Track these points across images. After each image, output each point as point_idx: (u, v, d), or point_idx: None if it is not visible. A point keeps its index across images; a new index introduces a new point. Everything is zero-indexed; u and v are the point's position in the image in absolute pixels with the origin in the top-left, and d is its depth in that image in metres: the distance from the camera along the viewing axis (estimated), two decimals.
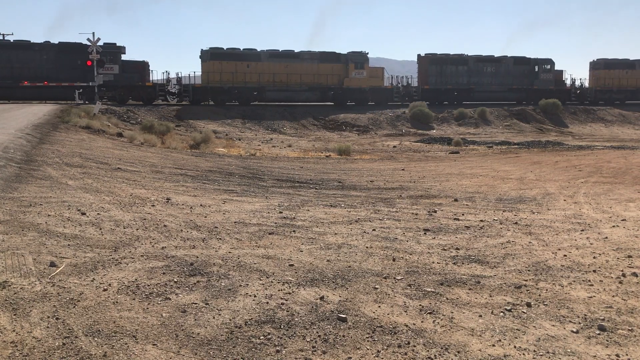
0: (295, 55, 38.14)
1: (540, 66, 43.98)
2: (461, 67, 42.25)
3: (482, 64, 42.85)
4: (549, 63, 44.22)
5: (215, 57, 35.96)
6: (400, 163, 18.42)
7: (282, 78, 37.27)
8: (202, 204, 8.70)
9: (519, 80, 43.28)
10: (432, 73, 41.79)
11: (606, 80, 46.86)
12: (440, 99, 41.53)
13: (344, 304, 4.50)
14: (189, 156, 17.07)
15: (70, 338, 3.60)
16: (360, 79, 39.05)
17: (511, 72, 43.31)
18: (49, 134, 16.18)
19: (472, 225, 7.81)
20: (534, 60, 44.05)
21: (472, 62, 42.61)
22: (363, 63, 39.18)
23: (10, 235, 5.77)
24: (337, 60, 38.80)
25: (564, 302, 4.70)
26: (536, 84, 43.52)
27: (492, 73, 42.96)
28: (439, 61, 42.07)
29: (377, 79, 40.01)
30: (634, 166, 15.55)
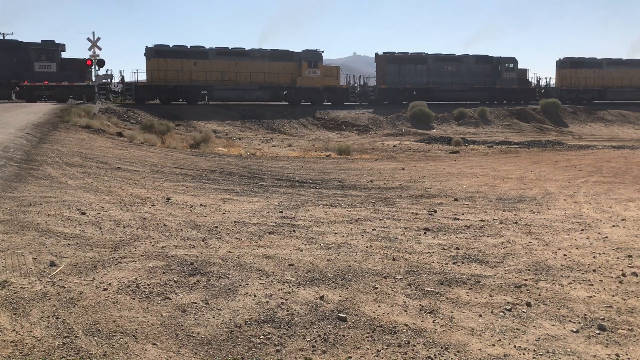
0: (245, 53, 36.72)
1: (503, 65, 42.74)
2: (420, 66, 40.96)
3: (442, 63, 41.60)
4: (512, 62, 43.11)
5: (160, 54, 34.52)
6: (400, 163, 18.42)
7: (231, 77, 35.98)
8: (202, 203, 8.70)
9: (481, 80, 42.10)
10: (390, 72, 40.43)
11: (572, 80, 45.80)
12: (398, 98, 39.98)
13: (343, 303, 4.50)
14: (189, 156, 17.07)
15: (70, 337, 3.60)
16: (314, 78, 37.70)
17: (473, 71, 42.09)
18: (49, 134, 16.18)
19: (472, 224, 7.81)
20: (496, 59, 42.84)
21: (432, 61, 41.35)
22: (317, 62, 37.83)
23: (10, 235, 5.77)
24: (289, 59, 37.49)
25: (564, 302, 4.70)
26: (499, 83, 42.45)
27: (453, 72, 41.77)
28: (397, 60, 40.73)
29: (331, 78, 38.62)
30: (634, 166, 15.55)
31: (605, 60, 46.86)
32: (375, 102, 39.83)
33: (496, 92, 42.34)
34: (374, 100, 39.93)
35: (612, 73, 46.65)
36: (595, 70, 46.16)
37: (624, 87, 46.88)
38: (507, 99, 42.60)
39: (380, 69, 40.80)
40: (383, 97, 40.23)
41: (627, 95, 46.71)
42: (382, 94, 40.34)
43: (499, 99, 42.20)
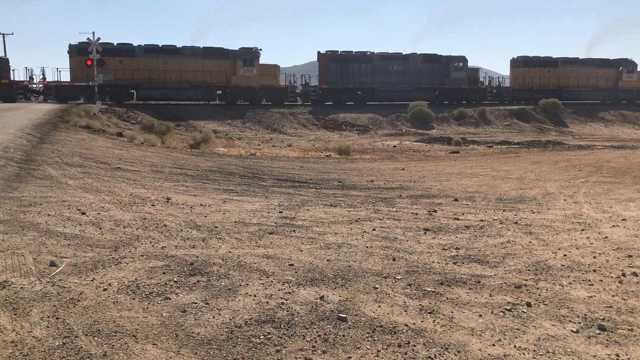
0: (175, 51, 35.44)
1: (452, 64, 41.33)
2: (364, 66, 39.42)
3: (388, 62, 40.06)
4: (462, 61, 41.76)
5: (83, 52, 32.73)
6: (401, 163, 18.42)
7: (159, 75, 34.58)
8: (202, 203, 8.70)
9: (429, 79, 40.69)
10: (333, 71, 38.80)
11: (525, 79, 44.56)
12: (341, 99, 39.10)
13: (344, 303, 4.50)
14: (189, 156, 17.07)
15: (70, 338, 3.60)
16: (250, 77, 36.31)
17: (420, 70, 40.60)
18: (49, 134, 16.18)
19: (472, 224, 7.81)
20: (445, 58, 41.41)
21: (377, 60, 39.80)
22: (253, 60, 36.34)
23: (10, 235, 5.77)
24: (224, 57, 36.07)
25: (564, 302, 4.70)
26: (448, 83, 41.11)
27: (399, 72, 40.21)
28: (339, 59, 39.14)
29: (269, 77, 37.19)
30: (634, 166, 15.55)
31: (561, 59, 45.67)
32: (317, 102, 38.41)
33: (445, 92, 41.15)
34: (315, 100, 38.52)
35: (568, 72, 45.59)
36: (550, 70, 45.07)
37: (581, 86, 45.69)
38: (456, 100, 41.17)
39: (323, 68, 39.23)
40: (325, 97, 38.93)
41: (583, 95, 45.58)
42: (324, 94, 38.89)
43: (448, 99, 40.98)
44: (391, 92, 39.88)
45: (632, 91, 46.75)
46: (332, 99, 38.90)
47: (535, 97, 43.62)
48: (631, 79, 46.82)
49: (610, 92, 46.13)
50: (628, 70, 46.60)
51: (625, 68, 46.58)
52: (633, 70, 46.78)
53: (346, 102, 39.00)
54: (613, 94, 46.12)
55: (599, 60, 46.87)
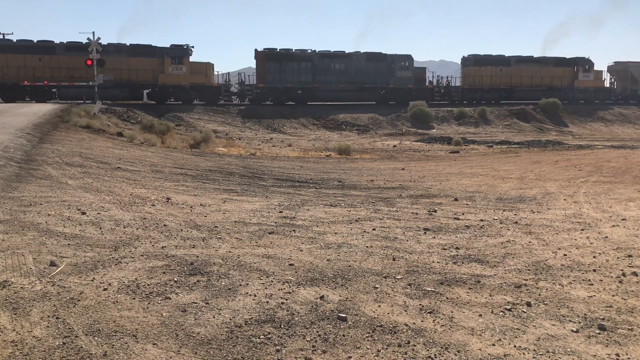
0: None
1: (397, 63, 39.81)
2: (304, 64, 37.84)
3: (329, 61, 38.44)
4: (408, 60, 40.23)
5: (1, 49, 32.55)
6: (401, 162, 18.42)
7: (81, 73, 32.72)
8: (202, 203, 8.70)
9: (373, 79, 39.14)
10: (270, 70, 37.12)
11: (476, 78, 42.76)
12: (280, 98, 37.44)
13: (344, 303, 4.50)
14: (189, 156, 17.07)
15: (70, 337, 3.60)
16: (180, 75, 34.85)
17: (364, 69, 38.98)
18: (49, 134, 16.18)
19: (472, 224, 7.81)
20: (390, 57, 39.84)
21: (317, 59, 38.14)
22: (182, 57, 34.94)
23: (11, 235, 5.77)
24: (151, 55, 34.65)
25: (564, 302, 4.70)
26: (392, 83, 39.57)
27: (341, 71, 38.57)
28: (277, 57, 37.39)
29: (201, 75, 35.81)
30: (634, 165, 15.55)
31: (513, 58, 44.07)
32: (255, 102, 37.15)
33: (390, 92, 39.77)
34: (253, 100, 37.27)
35: (521, 71, 43.96)
36: (502, 68, 43.38)
37: (534, 86, 44.14)
38: (402, 100, 39.44)
39: (260, 67, 37.61)
40: (262, 96, 37.41)
41: (537, 94, 43.60)
42: (262, 93, 37.34)
43: (393, 99, 39.66)
44: (333, 92, 38.49)
45: (589, 90, 45.26)
46: (272, 98, 37.51)
47: (486, 97, 42.74)
48: (587, 78, 45.42)
49: (566, 92, 44.54)
50: (584, 69, 45.16)
51: (581, 67, 45.08)
52: (589, 69, 45.40)
53: (286, 102, 37.57)
54: (569, 94, 44.62)
55: (554, 59, 45.47)
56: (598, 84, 46.29)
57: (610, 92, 47.49)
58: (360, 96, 39.10)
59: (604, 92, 46.75)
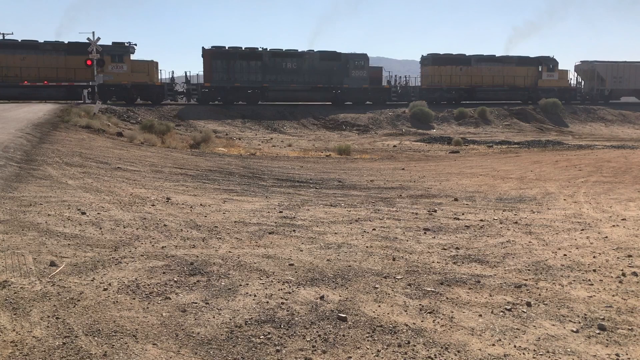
0: (34, 46, 33.14)
1: (352, 62, 38.83)
2: (253, 63, 36.81)
3: (281, 60, 37.43)
4: (363, 59, 39.32)
5: None
6: (401, 162, 18.42)
7: (15, 72, 32.29)
8: (202, 203, 8.70)
9: (326, 79, 38.14)
10: (218, 69, 36.12)
11: (435, 78, 41.73)
12: (228, 98, 36.33)
13: (344, 303, 4.50)
14: (189, 156, 17.07)
15: (70, 337, 3.60)
16: (120, 73, 33.94)
17: (317, 68, 38.04)
18: (49, 134, 16.18)
19: (472, 224, 7.81)
20: (344, 56, 38.91)
21: (268, 57, 37.12)
22: (123, 56, 34.11)
23: (10, 235, 5.77)
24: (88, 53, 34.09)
25: (564, 302, 4.70)
26: (347, 83, 38.64)
27: (293, 70, 37.60)
28: (225, 55, 36.38)
29: (142, 74, 34.72)
30: (634, 166, 15.55)
31: (474, 57, 42.92)
32: (202, 101, 36.20)
33: (344, 92, 38.94)
34: (200, 99, 36.35)
35: (483, 71, 42.83)
36: (462, 68, 42.17)
37: (496, 85, 43.18)
38: (357, 100, 39.10)
39: (207, 65, 36.60)
40: (210, 96, 36.37)
41: (499, 94, 43.11)
42: (208, 93, 36.35)
43: (348, 99, 39.02)
44: (284, 92, 37.47)
45: (553, 90, 44.02)
46: (220, 97, 36.47)
47: (446, 97, 41.78)
48: (552, 78, 44.43)
49: (530, 92, 43.70)
50: (548, 68, 44.23)
51: (545, 66, 44.15)
52: (554, 68, 44.52)
53: (234, 102, 36.65)
54: (533, 94, 43.67)
55: (517, 58, 44.39)
56: (563, 83, 45.22)
57: (576, 92, 46.45)
58: (313, 96, 38.12)
59: (569, 92, 45.63)
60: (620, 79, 46.67)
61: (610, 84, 46.53)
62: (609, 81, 46.48)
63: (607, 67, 46.58)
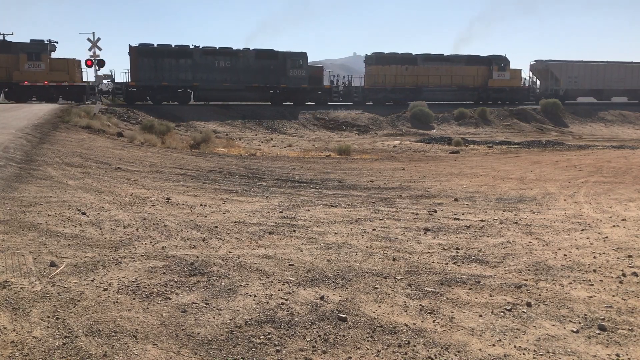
0: None
1: (290, 61, 37.23)
2: (183, 61, 35.06)
3: (213, 58, 35.74)
4: (302, 57, 37.61)
5: None
6: (401, 163, 18.42)
7: None
8: (202, 203, 8.70)
9: (263, 78, 36.42)
10: (145, 67, 34.24)
11: (378, 78, 39.91)
12: (156, 97, 34.59)
13: (344, 303, 4.50)
14: (189, 156, 17.07)
15: (70, 338, 3.60)
16: (38, 72, 32.55)
17: (253, 67, 36.40)
18: (49, 134, 16.18)
19: (472, 225, 7.81)
20: (282, 54, 37.19)
21: (199, 55, 35.44)
22: (40, 54, 32.64)
23: (11, 235, 5.77)
24: (5, 50, 32.43)
25: (564, 302, 4.70)
26: (285, 82, 36.97)
27: (227, 68, 35.95)
28: (152, 53, 34.44)
29: (62, 72, 33.28)
30: (634, 166, 15.55)
31: (420, 56, 41.17)
32: (130, 101, 34.18)
33: (283, 92, 37.28)
34: (126, 99, 34.43)
35: (430, 70, 41.07)
36: (408, 67, 40.44)
37: (444, 85, 41.29)
38: (297, 100, 37.45)
39: (133, 64, 34.75)
40: (136, 95, 34.48)
41: (447, 95, 41.35)
42: (135, 92, 34.47)
43: (287, 99, 37.43)
44: (216, 91, 35.66)
45: (504, 90, 42.61)
46: (149, 97, 34.73)
47: (390, 98, 40.19)
48: (503, 77, 42.60)
49: (480, 92, 42.04)
50: (499, 67, 42.43)
51: (496, 65, 42.37)
52: (505, 67, 42.69)
53: (163, 101, 34.86)
54: (483, 94, 42.14)
55: (466, 57, 42.60)
56: (515, 83, 43.42)
57: (529, 91, 44.67)
58: (248, 96, 36.42)
59: (521, 91, 44.01)
60: (576, 78, 44.96)
61: (565, 83, 44.71)
62: (564, 81, 44.70)
63: (561, 67, 45.00)
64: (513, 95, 43.07)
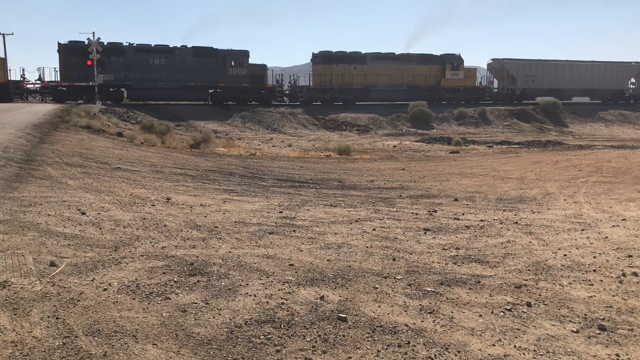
0: None
1: (230, 59, 36.00)
2: (115, 59, 33.85)
3: (147, 55, 34.54)
4: (243, 56, 36.55)
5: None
6: (401, 163, 18.42)
7: None
8: (202, 203, 8.70)
9: (201, 76, 35.10)
10: (74, 66, 32.76)
11: (326, 77, 38.56)
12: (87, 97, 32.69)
13: (344, 303, 4.50)
14: (189, 156, 17.07)
15: (70, 338, 3.60)
16: None
17: (190, 65, 35.21)
18: (49, 134, 16.18)
19: (472, 224, 7.81)
20: (222, 52, 35.95)
21: (131, 53, 34.19)
22: None
23: (11, 235, 5.77)
24: None
25: (564, 302, 4.70)
26: (224, 81, 35.79)
27: (162, 66, 34.67)
28: (82, 51, 32.22)
29: None
30: (634, 166, 15.55)
31: (370, 55, 39.70)
32: (58, 100, 32.54)
33: (223, 91, 36.16)
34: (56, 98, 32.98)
35: (379, 69, 39.59)
36: (357, 67, 39.01)
37: (394, 85, 39.88)
38: (237, 100, 36.43)
39: (62, 62, 33.39)
40: (64, 95, 32.99)
41: (397, 95, 39.81)
42: (64, 91, 33.05)
43: (227, 99, 36.30)
44: (150, 90, 34.31)
45: (458, 90, 41.27)
46: (79, 97, 33.18)
47: (337, 98, 38.86)
48: (456, 77, 41.21)
49: (432, 92, 40.83)
50: (453, 66, 41.07)
51: (449, 64, 41.03)
52: (458, 66, 41.30)
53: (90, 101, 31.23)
54: (435, 94, 40.94)
55: (418, 55, 41.16)
56: (469, 82, 41.97)
57: (484, 91, 43.18)
58: (185, 95, 35.23)
59: (477, 91, 42.44)
60: (533, 77, 43.62)
61: (522, 83, 43.41)
62: (521, 80, 43.36)
63: (518, 65, 43.66)
64: (468, 95, 41.72)
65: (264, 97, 37.31)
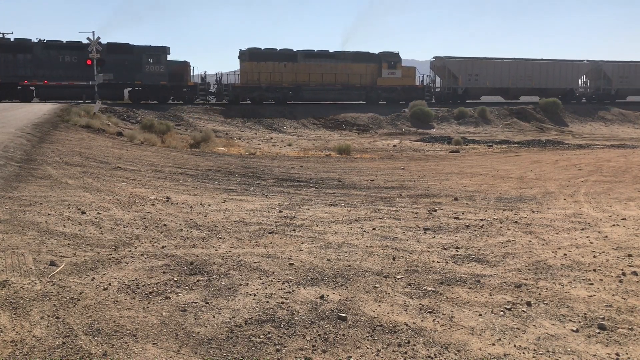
0: None
1: (147, 57, 34.63)
2: (22, 56, 32.62)
3: (57, 52, 33.25)
4: (161, 52, 35.13)
5: None
6: (401, 162, 18.42)
7: None
8: (202, 203, 8.70)
9: (116, 73, 33.50)
10: None
11: (253, 75, 36.97)
12: None
13: (344, 303, 4.50)
14: (188, 155, 17.07)
15: (70, 337, 3.60)
16: None
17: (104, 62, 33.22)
18: (49, 133, 16.18)
19: (472, 224, 7.81)
20: (138, 49, 34.72)
21: (40, 50, 32.87)
22: None
23: (10, 235, 5.77)
24: None
25: (564, 301, 4.70)
26: (141, 79, 34.55)
27: (73, 64, 33.12)
28: None
29: None
30: (634, 165, 15.55)
31: (301, 53, 38.18)
32: None
33: (141, 89, 34.91)
34: None
35: (311, 68, 38.04)
36: (287, 65, 37.46)
37: (326, 84, 38.20)
38: (157, 98, 35.04)
39: None
40: None
41: (330, 94, 38.44)
42: None
43: (145, 97, 35.04)
44: (59, 89, 33.01)
45: (396, 90, 39.69)
46: None
47: (266, 97, 37.28)
48: (393, 76, 39.50)
49: (368, 92, 39.25)
50: (389, 65, 39.38)
51: (385, 63, 39.35)
52: (396, 65, 39.61)
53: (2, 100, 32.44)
54: (371, 93, 39.33)
55: (353, 53, 39.52)
56: (407, 82, 40.29)
57: (424, 91, 41.28)
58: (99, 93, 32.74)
59: (415, 91, 40.42)
60: (477, 76, 41.96)
61: (464, 82, 41.73)
62: (463, 79, 41.72)
63: (460, 63, 42.01)
64: (406, 95, 39.80)
65: (185, 96, 36.03)
